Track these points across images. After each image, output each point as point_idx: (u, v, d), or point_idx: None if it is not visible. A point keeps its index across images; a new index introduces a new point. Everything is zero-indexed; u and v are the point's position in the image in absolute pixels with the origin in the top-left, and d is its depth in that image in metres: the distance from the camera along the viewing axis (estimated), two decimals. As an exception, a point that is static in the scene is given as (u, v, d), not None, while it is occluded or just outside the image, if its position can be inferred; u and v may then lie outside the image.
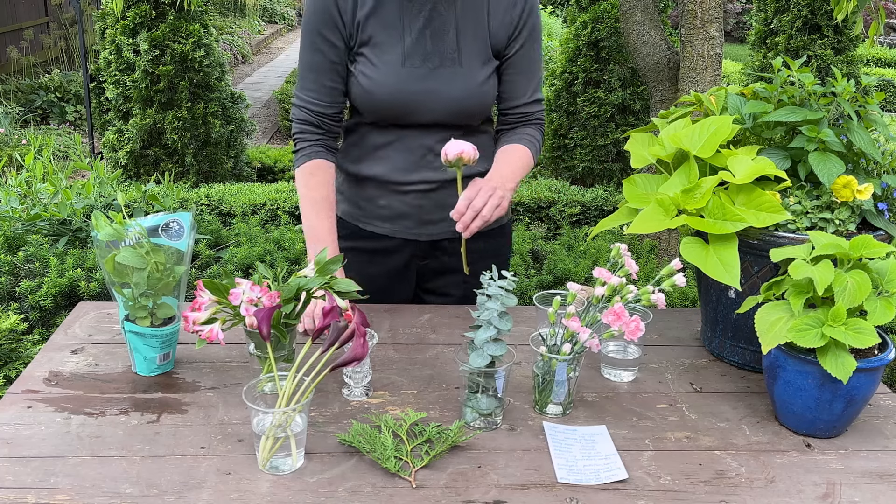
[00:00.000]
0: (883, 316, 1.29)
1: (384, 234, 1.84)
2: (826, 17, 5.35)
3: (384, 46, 1.69)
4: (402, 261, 1.87)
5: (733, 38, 13.90)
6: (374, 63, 1.69)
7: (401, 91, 1.69)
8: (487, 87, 1.75)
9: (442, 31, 1.69)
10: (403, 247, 1.86)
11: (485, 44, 1.72)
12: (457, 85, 1.71)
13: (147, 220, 1.45)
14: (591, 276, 2.71)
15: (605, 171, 5.43)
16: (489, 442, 1.33)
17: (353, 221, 1.87)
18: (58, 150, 5.88)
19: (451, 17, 1.69)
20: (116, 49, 4.94)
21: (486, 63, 1.74)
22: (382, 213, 1.82)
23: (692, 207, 1.43)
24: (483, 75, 1.73)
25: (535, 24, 1.76)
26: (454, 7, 1.69)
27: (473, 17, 1.71)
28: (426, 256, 1.89)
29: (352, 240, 1.86)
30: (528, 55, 1.77)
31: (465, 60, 1.71)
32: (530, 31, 1.75)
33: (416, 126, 1.74)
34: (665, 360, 1.64)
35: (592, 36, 5.24)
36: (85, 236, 3.26)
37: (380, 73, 1.69)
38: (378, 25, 1.68)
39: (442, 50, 1.70)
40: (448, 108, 1.72)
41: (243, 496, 1.17)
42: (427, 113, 1.72)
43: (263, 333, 1.26)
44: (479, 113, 1.78)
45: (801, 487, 1.25)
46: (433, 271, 1.91)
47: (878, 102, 1.59)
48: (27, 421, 1.32)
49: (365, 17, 1.68)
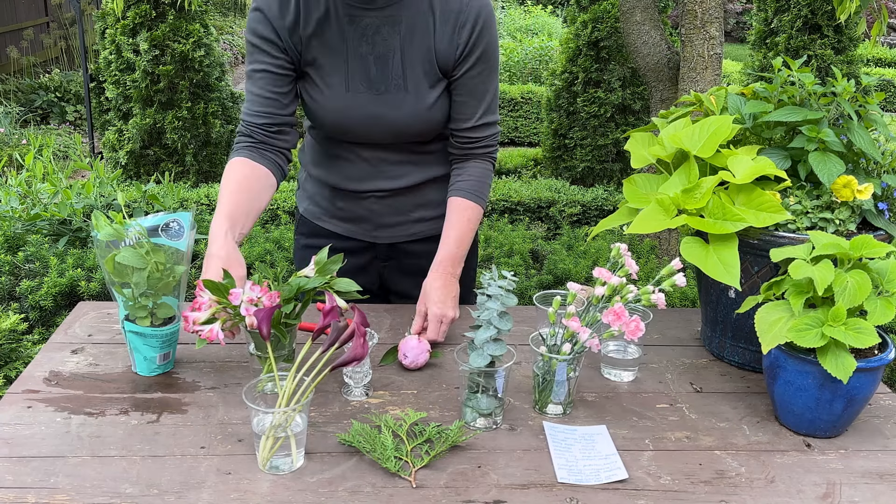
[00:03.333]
0: (883, 316, 1.28)
1: (343, 234, 1.84)
2: (826, 17, 5.35)
3: (328, 69, 1.64)
4: (363, 261, 1.87)
5: (733, 38, 13.90)
6: (318, 86, 1.65)
7: (346, 116, 1.66)
8: (435, 109, 1.67)
9: (386, 56, 1.63)
10: (363, 248, 1.85)
11: (432, 66, 1.64)
12: (404, 111, 1.65)
13: (147, 220, 1.45)
14: (591, 276, 2.71)
15: (605, 171, 5.43)
16: (489, 442, 1.33)
17: (313, 220, 1.87)
18: (58, 150, 5.88)
19: (396, 41, 1.62)
20: (116, 49, 4.94)
21: (434, 85, 1.66)
22: (341, 214, 1.82)
23: (692, 207, 1.43)
24: (431, 98, 1.66)
25: (487, 49, 1.66)
26: (398, 31, 1.62)
27: (419, 39, 1.63)
28: (388, 258, 1.88)
29: (313, 237, 1.86)
30: (478, 78, 1.67)
31: (412, 85, 1.65)
32: (481, 54, 1.65)
33: (369, 144, 1.72)
34: (665, 360, 1.64)
35: (592, 36, 5.24)
36: (85, 236, 3.26)
37: (324, 97, 1.65)
38: (321, 48, 1.63)
39: (387, 75, 1.64)
40: (395, 132, 1.68)
41: (243, 496, 1.17)
42: (374, 136, 1.69)
43: (263, 333, 1.27)
44: (428, 133, 1.71)
45: (801, 487, 1.25)
46: (396, 272, 1.90)
47: (878, 102, 1.59)
48: (27, 421, 1.32)
49: (308, 37, 1.62)
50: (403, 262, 1.88)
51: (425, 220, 1.83)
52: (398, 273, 1.90)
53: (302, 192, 1.90)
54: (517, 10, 11.91)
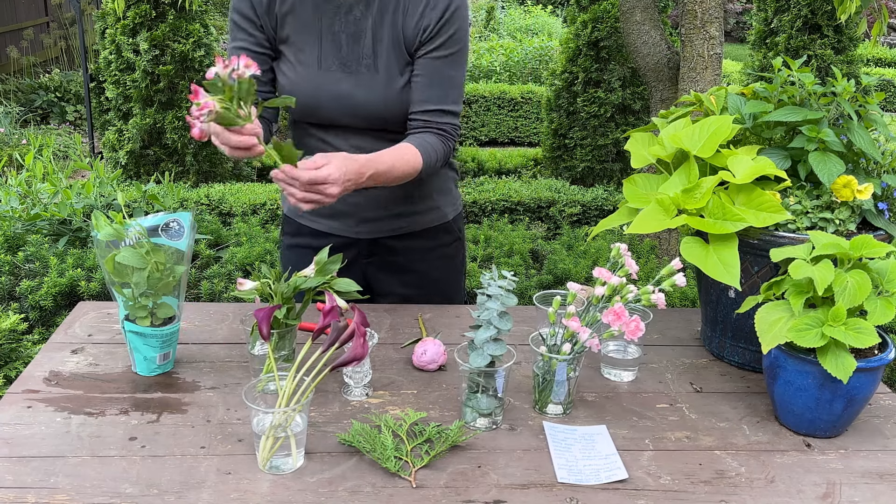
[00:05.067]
0: (883, 316, 1.28)
1: (326, 231, 1.84)
2: (826, 17, 5.35)
3: (301, 46, 1.67)
4: (347, 259, 1.86)
5: (733, 38, 13.90)
6: (292, 62, 1.68)
7: (316, 95, 1.67)
8: (405, 93, 1.67)
9: (358, 36, 1.65)
10: (346, 245, 1.85)
11: (400, 47, 1.65)
12: (374, 92, 1.66)
13: (147, 220, 1.45)
14: (591, 276, 2.71)
15: (605, 170, 5.43)
16: (489, 442, 1.33)
17: (296, 218, 1.87)
18: (58, 150, 5.88)
19: (368, 22, 1.65)
20: (116, 49, 4.94)
21: (403, 70, 1.67)
22: (323, 210, 1.81)
23: (692, 207, 1.43)
24: (401, 83, 1.67)
25: (456, 35, 1.65)
26: (370, 11, 1.64)
27: (390, 21, 1.65)
28: (370, 255, 1.88)
29: (297, 237, 1.86)
30: (441, 62, 1.65)
31: (382, 67, 1.66)
32: (448, 38, 1.64)
33: (339, 128, 1.71)
34: (665, 360, 1.64)
35: (592, 36, 5.24)
36: (85, 236, 3.26)
37: (297, 75, 1.68)
38: (296, 25, 1.66)
39: (358, 55, 1.66)
40: (365, 114, 1.68)
41: (243, 496, 1.17)
42: (345, 117, 1.69)
43: (263, 333, 1.27)
44: (398, 118, 1.70)
45: (801, 487, 1.25)
46: (378, 269, 1.90)
47: (878, 102, 1.59)
48: (27, 421, 1.32)
49: (284, 14, 1.66)
50: (386, 258, 1.88)
51: (406, 216, 1.83)
52: (381, 271, 1.90)
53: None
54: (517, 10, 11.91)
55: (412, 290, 1.89)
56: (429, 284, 1.89)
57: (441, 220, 1.88)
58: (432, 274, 1.90)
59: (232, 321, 1.72)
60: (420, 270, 1.87)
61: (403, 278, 1.86)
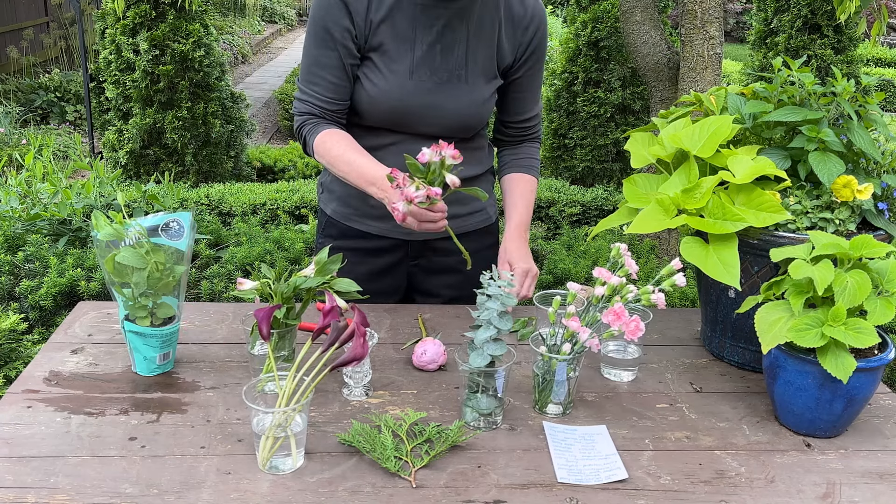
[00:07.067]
0: (883, 316, 1.28)
1: (375, 233, 1.84)
2: (826, 17, 5.35)
3: (393, 55, 1.68)
4: (393, 260, 1.87)
5: (733, 38, 13.90)
6: (381, 71, 1.69)
7: (405, 102, 1.69)
8: (489, 104, 1.78)
9: (452, 47, 1.69)
10: (395, 247, 1.85)
11: (492, 62, 1.74)
12: (461, 101, 1.72)
13: (147, 220, 1.45)
14: (591, 276, 2.71)
15: (605, 170, 5.43)
16: (489, 442, 1.33)
17: (343, 221, 1.87)
18: (58, 150, 5.88)
19: (463, 34, 1.69)
20: (116, 49, 4.94)
21: (490, 81, 1.75)
22: (374, 212, 1.81)
23: (692, 207, 1.43)
24: (487, 93, 1.75)
25: (544, 48, 1.80)
26: (467, 24, 1.69)
27: (486, 35, 1.71)
28: (417, 257, 1.89)
29: (342, 239, 1.85)
30: (535, 75, 1.82)
31: (471, 77, 1.72)
32: (540, 54, 1.79)
33: (412, 133, 1.74)
34: (665, 360, 1.64)
35: (592, 36, 5.24)
36: (85, 236, 3.26)
37: (387, 83, 1.68)
38: (390, 33, 1.67)
39: (450, 65, 1.70)
40: (448, 123, 1.73)
41: (243, 496, 1.17)
42: (427, 125, 1.72)
43: (263, 333, 1.27)
44: (476, 127, 1.79)
45: (801, 487, 1.25)
46: (424, 271, 1.90)
47: (878, 102, 1.59)
48: (27, 421, 1.32)
49: (378, 21, 1.66)
50: (433, 259, 1.89)
51: (459, 217, 1.83)
52: (425, 272, 1.91)
53: (328, 195, 1.89)
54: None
55: (455, 292, 1.90)
56: (471, 286, 1.89)
57: (486, 223, 1.93)
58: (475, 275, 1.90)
59: (232, 321, 1.72)
60: (464, 272, 1.87)
61: (447, 280, 1.88)
